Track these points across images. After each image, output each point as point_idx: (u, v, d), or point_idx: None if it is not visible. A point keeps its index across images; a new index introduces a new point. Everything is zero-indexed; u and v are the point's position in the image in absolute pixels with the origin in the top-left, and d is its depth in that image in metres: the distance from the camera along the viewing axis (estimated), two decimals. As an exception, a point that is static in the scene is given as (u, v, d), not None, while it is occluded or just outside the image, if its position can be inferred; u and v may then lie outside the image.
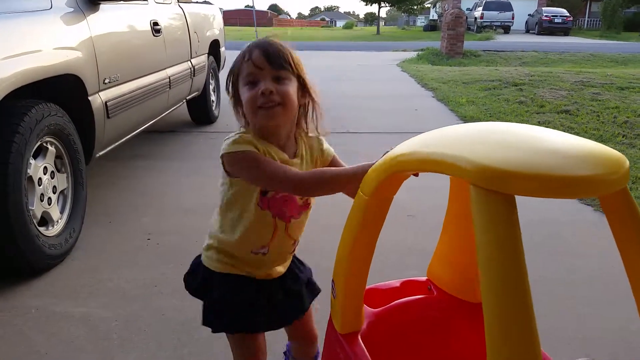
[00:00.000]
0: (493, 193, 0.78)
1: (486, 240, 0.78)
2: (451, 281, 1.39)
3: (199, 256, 1.39)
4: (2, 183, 2.12)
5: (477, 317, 1.33)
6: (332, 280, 1.22)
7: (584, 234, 3.02)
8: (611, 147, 3.10)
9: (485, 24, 30.51)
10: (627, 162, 0.87)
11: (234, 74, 1.25)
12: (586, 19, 40.14)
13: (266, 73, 1.19)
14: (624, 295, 2.31)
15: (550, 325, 2.08)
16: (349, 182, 1.17)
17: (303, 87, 1.25)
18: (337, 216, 1.52)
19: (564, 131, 3.74)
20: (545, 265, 2.63)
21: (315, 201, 1.34)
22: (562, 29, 29.69)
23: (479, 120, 5.81)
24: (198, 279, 1.37)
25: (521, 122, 5.74)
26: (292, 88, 1.22)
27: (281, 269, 1.37)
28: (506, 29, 30.87)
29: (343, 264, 1.17)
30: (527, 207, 3.30)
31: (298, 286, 1.41)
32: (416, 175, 1.08)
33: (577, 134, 5.23)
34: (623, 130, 5.37)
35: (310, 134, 1.33)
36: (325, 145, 1.36)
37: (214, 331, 1.33)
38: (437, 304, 1.40)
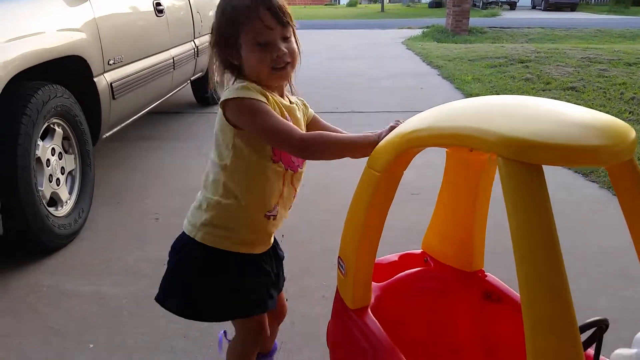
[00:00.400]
0: (520, 164, 0.82)
1: (519, 209, 0.82)
2: (447, 252, 1.42)
3: (181, 241, 1.32)
4: (11, 164, 2.15)
5: (473, 285, 1.36)
6: (339, 258, 1.24)
7: (587, 210, 3.03)
8: None
9: (491, 0, 30.13)
10: (634, 133, 0.90)
11: (235, 25, 1.18)
12: (594, -7, 39.50)
13: (276, 33, 1.17)
14: (630, 270, 2.34)
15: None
16: (354, 151, 1.18)
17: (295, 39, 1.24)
18: (336, 198, 1.54)
19: (570, 108, 3.58)
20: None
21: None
22: (568, 5, 29.32)
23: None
24: (189, 253, 1.29)
25: (527, 99, 5.73)
26: (295, 44, 1.23)
27: (272, 239, 1.36)
28: (512, 5, 30.54)
29: (353, 241, 1.18)
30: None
31: (281, 254, 1.44)
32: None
33: (583, 110, 5.22)
34: (630, 107, 5.34)
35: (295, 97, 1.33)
36: (309, 107, 1.38)
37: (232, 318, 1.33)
38: (435, 274, 1.42)
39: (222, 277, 1.27)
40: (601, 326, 1.06)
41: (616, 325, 1.91)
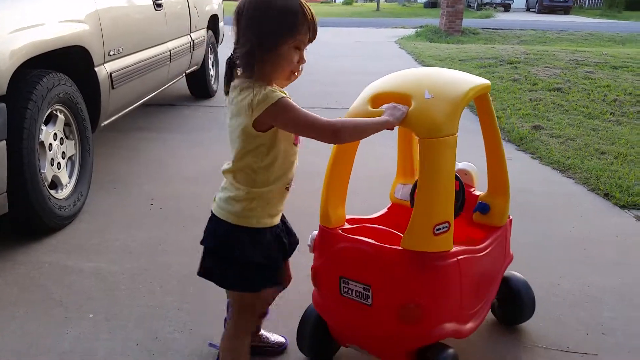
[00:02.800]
0: None
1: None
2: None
3: (214, 221, 1.47)
4: (17, 146, 2.28)
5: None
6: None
7: (563, 203, 3.20)
8: (599, 124, 3.30)
9: (485, 1, 30.37)
10: (487, 81, 1.64)
11: (289, 28, 1.34)
12: (587, -3, 39.80)
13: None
14: (597, 258, 2.51)
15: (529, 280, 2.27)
16: (373, 130, 1.42)
17: None
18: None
19: (554, 108, 3.91)
20: (521, 231, 2.81)
21: None
22: (562, 8, 29.58)
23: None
24: (224, 231, 1.44)
25: (514, 99, 5.83)
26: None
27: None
28: (507, 6, 30.77)
29: (326, 174, 1.61)
30: (510, 179, 3.48)
31: (288, 224, 1.60)
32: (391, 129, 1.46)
33: (567, 110, 5.40)
34: (611, 108, 5.52)
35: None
36: None
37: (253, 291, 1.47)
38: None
39: (263, 250, 1.44)
40: None
41: (576, 308, 2.09)
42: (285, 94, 1.35)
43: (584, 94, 6.08)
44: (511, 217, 1.86)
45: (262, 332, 1.83)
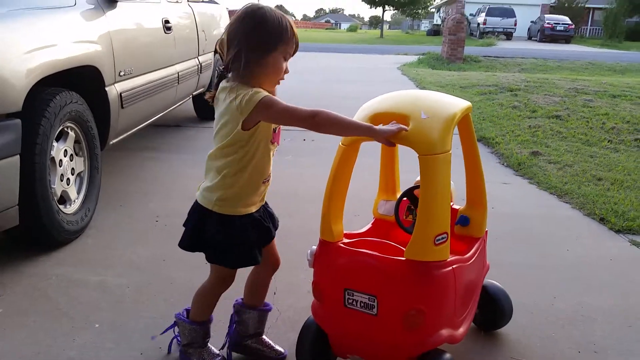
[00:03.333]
0: None
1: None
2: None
3: (194, 205, 1.70)
4: (30, 161, 2.37)
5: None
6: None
7: (558, 227, 3.26)
8: (596, 151, 3.42)
9: (487, 30, 30.75)
10: (469, 103, 1.76)
11: (271, 41, 1.54)
12: (588, 27, 40.36)
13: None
14: (592, 279, 2.56)
15: (521, 303, 2.33)
16: (353, 130, 1.59)
17: None
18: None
19: (553, 135, 4.01)
20: (517, 253, 2.87)
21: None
22: (563, 37, 29.94)
23: (472, 122, 6.04)
24: (199, 216, 1.66)
25: (513, 126, 5.93)
26: None
27: (262, 201, 1.74)
28: (508, 35, 31.12)
29: (326, 191, 1.70)
30: (506, 202, 3.55)
31: (269, 210, 1.79)
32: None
33: (565, 137, 5.49)
34: (609, 136, 5.61)
35: None
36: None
37: (224, 265, 1.71)
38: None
39: (233, 234, 1.64)
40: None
41: (568, 327, 2.14)
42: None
43: (583, 122, 6.18)
44: (487, 229, 1.98)
45: (264, 337, 1.92)
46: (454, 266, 1.62)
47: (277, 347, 1.92)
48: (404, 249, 1.60)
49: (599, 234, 3.19)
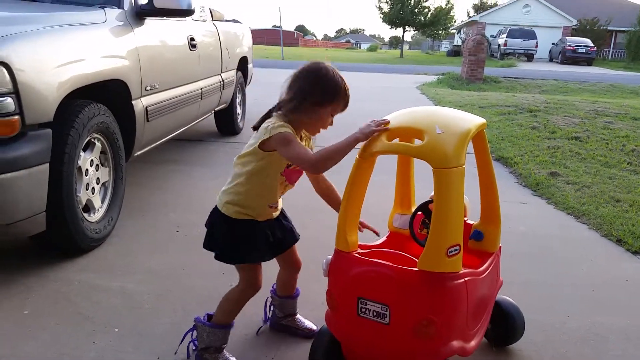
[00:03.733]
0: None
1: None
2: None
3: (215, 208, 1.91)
4: (58, 169, 2.47)
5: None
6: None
7: (575, 247, 3.26)
8: (615, 173, 3.45)
9: (508, 51, 30.76)
10: (484, 120, 1.79)
11: (329, 98, 1.78)
12: (611, 49, 40.11)
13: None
14: (605, 300, 2.57)
15: (535, 320, 2.34)
16: (348, 150, 1.69)
17: None
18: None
19: (572, 156, 4.04)
20: (532, 271, 2.88)
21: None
22: (585, 59, 29.81)
23: (491, 142, 6.06)
24: (214, 217, 1.89)
25: (532, 146, 5.93)
26: None
27: (277, 213, 1.96)
28: (529, 57, 31.08)
29: (343, 202, 1.77)
30: (522, 221, 3.56)
31: (287, 224, 2.00)
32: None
33: (584, 159, 5.47)
34: (629, 158, 5.58)
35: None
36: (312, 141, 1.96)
37: (230, 263, 1.90)
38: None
39: (237, 235, 1.85)
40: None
41: (581, 345, 2.15)
42: (290, 129, 1.75)
43: (602, 143, 6.16)
44: (501, 245, 2.01)
45: (298, 316, 2.18)
46: (466, 278, 1.65)
47: (308, 325, 2.18)
48: (417, 260, 1.64)
49: (615, 255, 3.19)
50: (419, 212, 1.99)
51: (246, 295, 1.93)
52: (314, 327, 2.15)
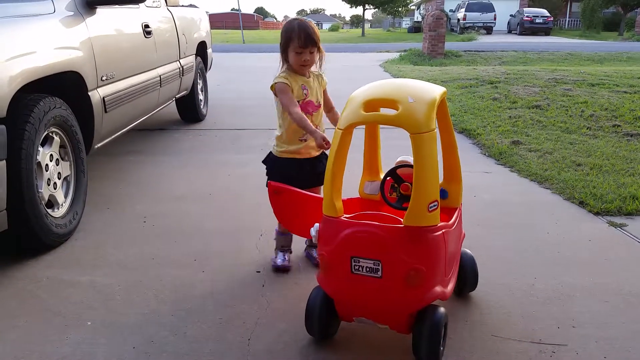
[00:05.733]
0: None
1: None
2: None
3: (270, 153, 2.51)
4: (16, 166, 2.40)
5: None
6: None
7: (539, 212, 3.35)
8: (576, 138, 3.58)
9: (467, 25, 30.99)
10: (444, 89, 1.90)
11: (285, 42, 2.33)
12: (567, 19, 40.85)
13: (306, 50, 2.31)
14: (569, 261, 2.64)
15: (503, 284, 2.40)
16: (306, 130, 2.30)
17: (318, 49, 2.37)
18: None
19: (533, 124, 4.13)
20: (498, 237, 2.95)
21: (322, 103, 2.47)
22: (543, 29, 30.26)
23: (454, 115, 6.14)
24: (268, 157, 2.51)
25: (494, 117, 6.03)
26: (315, 55, 2.36)
27: (315, 153, 2.45)
28: (488, 29, 31.37)
29: (328, 173, 1.86)
30: (487, 190, 3.64)
31: (324, 162, 2.27)
32: None
33: (545, 126, 5.59)
34: (588, 123, 5.73)
35: (315, 72, 2.47)
36: (325, 78, 2.52)
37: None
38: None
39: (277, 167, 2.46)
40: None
41: (549, 305, 2.22)
42: (288, 82, 2.34)
43: (562, 111, 6.29)
44: (461, 202, 2.16)
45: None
46: (443, 230, 1.80)
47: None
48: (398, 218, 1.87)
49: (578, 217, 3.28)
50: (388, 178, 2.09)
51: None
52: None
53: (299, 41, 2.29)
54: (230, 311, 2.19)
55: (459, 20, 31.94)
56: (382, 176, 2.21)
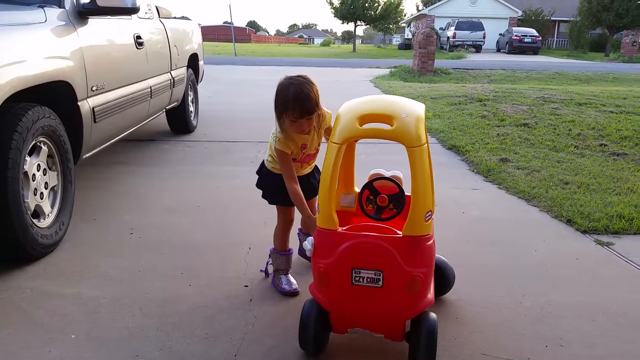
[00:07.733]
0: None
1: None
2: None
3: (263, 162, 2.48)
4: (2, 175, 2.37)
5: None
6: (318, 205, 1.91)
7: (526, 229, 3.36)
8: (563, 156, 3.63)
9: (457, 43, 31.36)
10: (423, 106, 1.95)
11: (280, 111, 2.18)
12: (555, 39, 41.48)
13: (303, 119, 2.17)
14: (557, 279, 2.65)
15: (491, 302, 2.40)
16: (297, 206, 2.29)
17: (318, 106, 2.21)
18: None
19: (521, 142, 4.18)
20: (486, 254, 2.95)
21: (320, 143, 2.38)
22: (531, 48, 30.74)
23: (443, 132, 6.18)
24: (261, 169, 2.48)
25: (483, 134, 6.08)
26: (315, 118, 2.21)
27: (307, 170, 2.48)
28: (478, 48, 31.77)
29: (324, 187, 1.87)
30: (475, 207, 3.65)
31: (313, 182, 2.45)
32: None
33: (533, 144, 5.64)
34: (575, 142, 5.79)
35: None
36: (329, 117, 2.34)
37: (268, 202, 2.49)
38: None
39: (269, 182, 2.44)
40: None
41: (537, 324, 2.22)
42: (288, 149, 2.27)
43: (550, 129, 6.36)
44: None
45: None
46: (433, 238, 1.89)
47: None
48: (392, 228, 1.98)
49: (565, 235, 3.30)
50: (365, 190, 2.10)
51: (283, 227, 2.47)
52: None
53: (294, 114, 2.14)
54: (217, 326, 2.16)
55: (448, 38, 32.32)
56: (356, 189, 2.29)
